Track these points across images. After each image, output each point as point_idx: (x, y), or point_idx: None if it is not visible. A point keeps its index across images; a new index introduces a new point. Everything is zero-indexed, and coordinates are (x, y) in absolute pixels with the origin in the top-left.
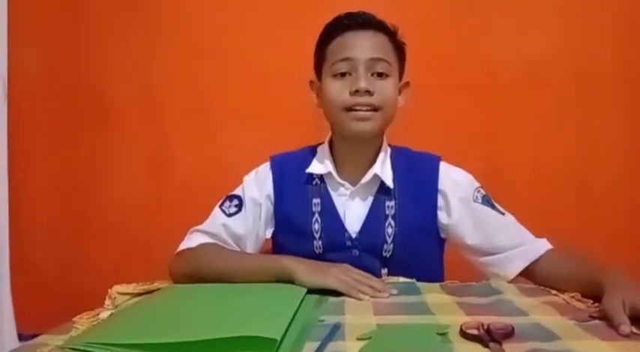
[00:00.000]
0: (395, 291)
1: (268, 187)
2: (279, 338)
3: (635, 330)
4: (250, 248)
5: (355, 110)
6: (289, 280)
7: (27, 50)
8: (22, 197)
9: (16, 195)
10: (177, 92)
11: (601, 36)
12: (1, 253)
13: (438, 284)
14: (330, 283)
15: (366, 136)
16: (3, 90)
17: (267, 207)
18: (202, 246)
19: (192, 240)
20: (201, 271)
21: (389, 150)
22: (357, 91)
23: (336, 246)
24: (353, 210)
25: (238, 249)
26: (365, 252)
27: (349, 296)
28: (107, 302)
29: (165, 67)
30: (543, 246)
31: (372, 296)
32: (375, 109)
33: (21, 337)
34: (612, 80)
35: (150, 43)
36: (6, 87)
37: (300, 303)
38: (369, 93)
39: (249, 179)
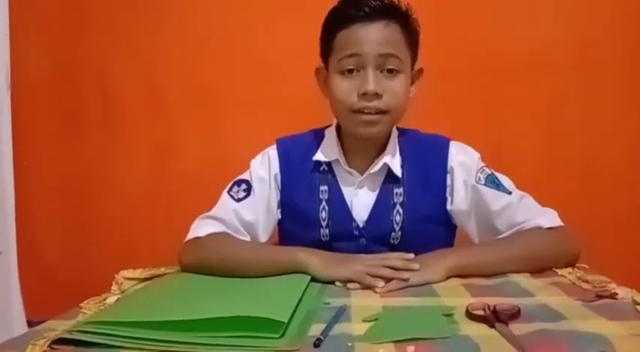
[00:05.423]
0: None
1: (275, 168)
2: (286, 321)
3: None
4: (263, 234)
5: (363, 113)
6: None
7: (30, 41)
8: (27, 186)
9: (21, 184)
10: (181, 83)
11: (606, 21)
12: (9, 242)
13: None
14: (345, 275)
15: (373, 138)
16: (6, 81)
17: (275, 186)
18: (212, 235)
19: (202, 227)
20: (210, 262)
21: (397, 133)
22: (365, 94)
23: (343, 235)
24: (360, 199)
25: (249, 239)
26: (372, 241)
27: (364, 285)
28: (114, 287)
29: (169, 59)
30: (536, 223)
31: (391, 279)
32: (384, 112)
33: (30, 324)
34: (617, 66)
35: (153, 35)
36: (9, 77)
37: (306, 288)
38: (377, 96)
39: (255, 162)
